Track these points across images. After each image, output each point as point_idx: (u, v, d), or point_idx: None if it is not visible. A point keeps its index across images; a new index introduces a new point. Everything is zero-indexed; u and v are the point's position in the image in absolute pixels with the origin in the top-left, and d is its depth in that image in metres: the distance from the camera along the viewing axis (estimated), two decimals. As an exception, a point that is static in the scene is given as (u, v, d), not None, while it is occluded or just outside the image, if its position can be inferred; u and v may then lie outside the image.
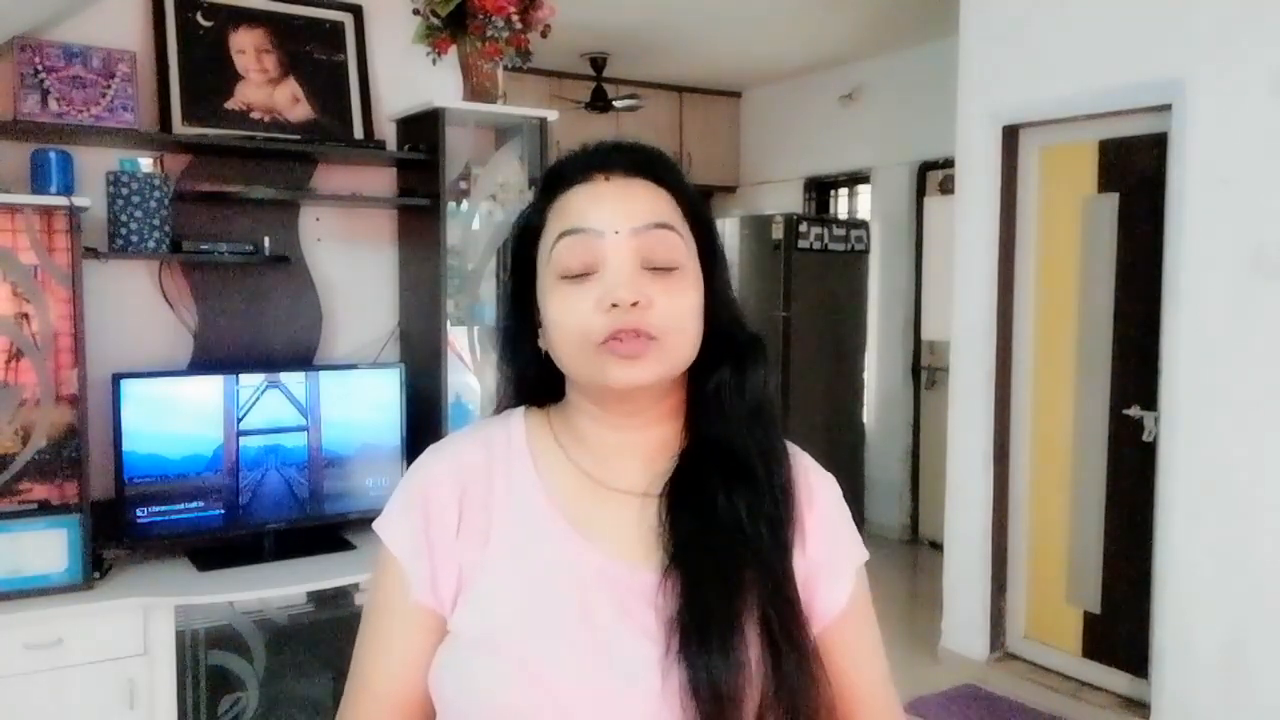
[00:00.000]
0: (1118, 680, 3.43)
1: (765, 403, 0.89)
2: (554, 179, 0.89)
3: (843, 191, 6.30)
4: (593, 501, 0.87)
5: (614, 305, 0.81)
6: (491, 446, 0.90)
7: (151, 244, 2.44)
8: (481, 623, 0.82)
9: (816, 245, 5.45)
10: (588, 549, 0.84)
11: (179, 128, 2.57)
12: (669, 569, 0.82)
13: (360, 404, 2.72)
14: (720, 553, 0.83)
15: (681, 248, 0.85)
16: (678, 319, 0.83)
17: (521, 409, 0.94)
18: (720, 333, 0.88)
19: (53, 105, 2.40)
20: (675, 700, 0.77)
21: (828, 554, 0.90)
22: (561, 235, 0.84)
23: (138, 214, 2.41)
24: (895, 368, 5.69)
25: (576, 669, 0.79)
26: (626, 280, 0.81)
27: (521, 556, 0.84)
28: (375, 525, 0.89)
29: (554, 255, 0.84)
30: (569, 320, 0.83)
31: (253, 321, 2.74)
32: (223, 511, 2.54)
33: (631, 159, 0.87)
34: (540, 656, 0.79)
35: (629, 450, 0.88)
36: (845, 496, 0.95)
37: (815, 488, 0.91)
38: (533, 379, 0.92)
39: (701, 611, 0.80)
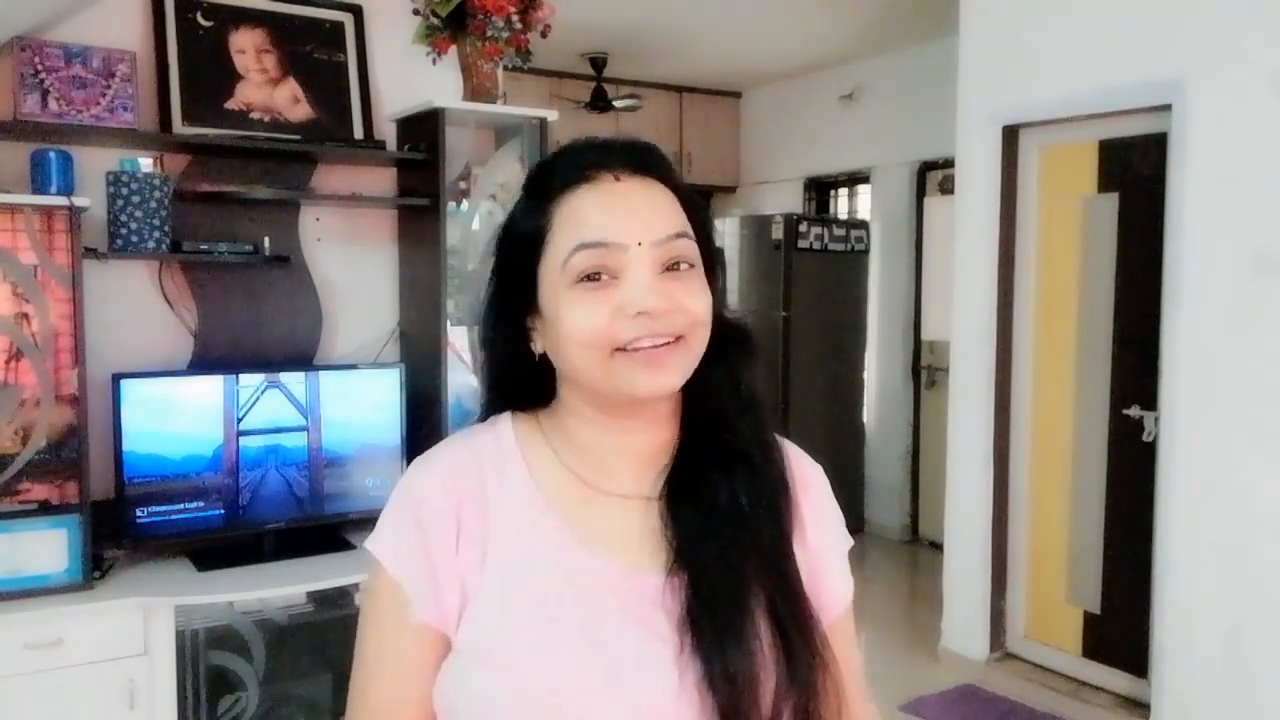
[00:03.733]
0: (1118, 680, 3.43)
1: (757, 394, 0.90)
2: (547, 178, 0.85)
3: (843, 191, 6.30)
4: (592, 507, 0.85)
5: (640, 313, 0.79)
6: (481, 455, 0.87)
7: (151, 244, 2.44)
8: (486, 637, 0.80)
9: (816, 245, 5.46)
10: (590, 557, 0.82)
11: (179, 128, 2.57)
12: (674, 568, 0.82)
13: (360, 404, 2.72)
14: (724, 545, 0.83)
15: (694, 249, 0.84)
16: (701, 313, 0.83)
17: (508, 415, 0.91)
18: (717, 329, 0.87)
19: (53, 105, 2.40)
20: (694, 695, 0.78)
21: (827, 544, 0.91)
22: (580, 248, 0.80)
23: (138, 214, 2.41)
24: (895, 368, 5.69)
25: (586, 681, 0.77)
26: (650, 288, 0.80)
27: (523, 567, 0.82)
28: (368, 544, 0.85)
29: (569, 264, 0.81)
30: (586, 328, 0.80)
31: (253, 321, 2.74)
32: (223, 511, 2.54)
33: (636, 157, 0.85)
34: (549, 670, 0.77)
35: (626, 454, 0.87)
36: (845, 496, 0.96)
37: (809, 478, 0.92)
38: (521, 382, 0.90)
39: (710, 606, 0.80)
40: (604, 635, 0.79)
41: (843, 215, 6.25)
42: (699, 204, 0.88)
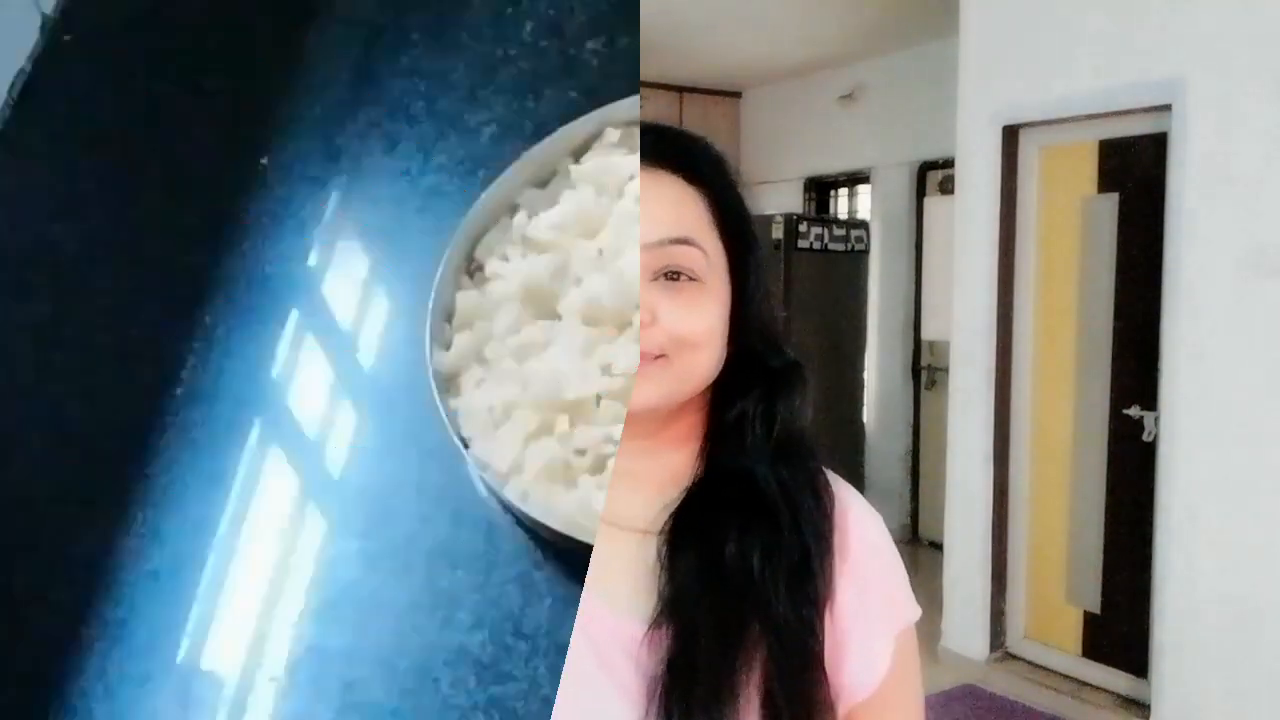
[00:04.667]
0: (1118, 680, 3.43)
1: (797, 435, 0.78)
2: None
3: (843, 191, 6.30)
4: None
5: None
6: None
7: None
8: None
9: (816, 245, 5.45)
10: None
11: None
12: (659, 619, 0.70)
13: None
14: (722, 604, 0.71)
15: (701, 261, 0.73)
16: (690, 335, 0.72)
17: None
18: (750, 353, 0.77)
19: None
20: None
21: (860, 614, 0.75)
22: None
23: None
24: (895, 368, 5.69)
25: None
26: None
27: None
28: None
29: None
30: None
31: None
32: (223, 511, 2.53)
33: (661, 147, 0.76)
34: None
35: (636, 478, 0.77)
36: None
37: (851, 532, 0.77)
38: None
39: (689, 674, 0.68)
40: (573, 676, 0.71)
41: (843, 215, 6.25)
42: (739, 210, 0.78)
